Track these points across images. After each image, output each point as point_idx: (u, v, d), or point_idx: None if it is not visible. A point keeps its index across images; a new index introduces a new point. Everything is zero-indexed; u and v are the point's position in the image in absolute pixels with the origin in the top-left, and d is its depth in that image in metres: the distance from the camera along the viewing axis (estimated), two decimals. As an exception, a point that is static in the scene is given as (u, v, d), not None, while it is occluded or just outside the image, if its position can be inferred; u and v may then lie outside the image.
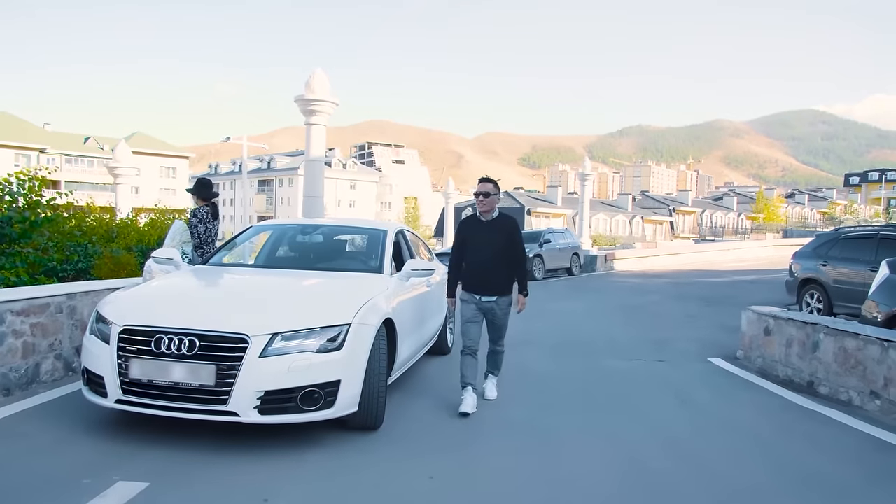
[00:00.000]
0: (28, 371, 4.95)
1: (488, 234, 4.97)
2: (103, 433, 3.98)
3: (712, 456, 4.17)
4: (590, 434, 4.52)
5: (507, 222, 5.04)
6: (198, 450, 3.75)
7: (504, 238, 4.97)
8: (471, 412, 4.74)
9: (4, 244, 6.22)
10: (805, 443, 4.54)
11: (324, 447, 3.92)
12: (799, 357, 6.19)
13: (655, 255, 28.52)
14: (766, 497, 3.56)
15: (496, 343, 5.27)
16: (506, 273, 5.00)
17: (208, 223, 6.64)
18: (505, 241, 4.96)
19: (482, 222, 5.03)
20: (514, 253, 5.01)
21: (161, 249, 5.66)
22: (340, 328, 3.86)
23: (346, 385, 3.82)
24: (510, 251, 4.98)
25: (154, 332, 3.71)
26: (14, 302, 4.84)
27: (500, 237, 4.96)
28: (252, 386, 3.59)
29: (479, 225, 5.04)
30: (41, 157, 61.00)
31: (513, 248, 5.00)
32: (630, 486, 3.60)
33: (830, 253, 10.68)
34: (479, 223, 5.05)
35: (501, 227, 5.00)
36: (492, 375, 5.35)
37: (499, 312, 5.05)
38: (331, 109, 12.21)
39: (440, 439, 4.25)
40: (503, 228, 5.00)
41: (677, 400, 5.60)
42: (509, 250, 4.98)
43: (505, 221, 5.04)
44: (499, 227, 5.00)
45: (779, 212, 68.54)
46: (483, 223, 5.03)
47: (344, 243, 6.10)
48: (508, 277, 5.01)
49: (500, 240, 4.95)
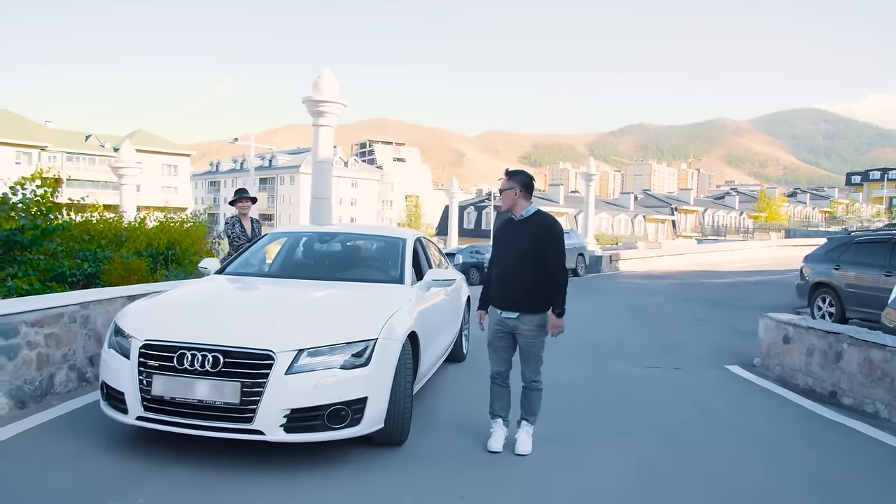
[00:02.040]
0: (42, 383, 4.87)
1: (517, 235, 4.21)
2: (122, 449, 3.90)
3: (736, 469, 4.09)
4: (614, 446, 4.44)
5: (540, 222, 4.21)
6: (220, 468, 3.66)
7: (532, 240, 4.13)
8: (499, 450, 4.17)
9: (16, 251, 6.13)
10: (830, 455, 4.47)
11: (349, 464, 3.84)
12: (821, 366, 6.11)
13: (660, 255, 28.46)
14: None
15: (527, 377, 4.30)
16: (532, 284, 4.12)
17: (235, 227, 7.74)
18: (532, 244, 4.12)
19: (513, 222, 4.30)
20: (545, 260, 4.11)
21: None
22: (367, 343, 3.77)
23: (372, 401, 3.73)
24: (540, 257, 4.11)
25: (176, 348, 3.62)
26: (28, 313, 4.75)
27: (529, 239, 4.13)
28: (278, 404, 3.50)
29: (510, 225, 4.33)
30: (42, 155, 60.93)
31: (543, 253, 4.11)
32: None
33: (843, 257, 10.58)
34: (510, 223, 4.33)
35: (532, 227, 4.18)
36: (525, 423, 4.30)
37: (525, 334, 4.19)
38: (339, 110, 12.13)
39: (465, 454, 4.16)
40: (534, 229, 4.16)
41: (697, 410, 5.52)
42: (539, 256, 4.12)
43: (538, 221, 4.22)
44: (530, 227, 4.19)
45: (781, 211, 68.48)
46: (514, 223, 4.29)
47: (363, 252, 6.00)
48: (536, 290, 4.13)
49: (527, 242, 4.13)
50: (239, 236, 7.73)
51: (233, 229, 7.78)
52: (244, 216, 7.91)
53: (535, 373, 4.29)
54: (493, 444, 4.22)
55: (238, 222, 7.83)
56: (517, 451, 4.18)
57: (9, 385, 4.53)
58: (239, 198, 7.87)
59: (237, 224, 7.81)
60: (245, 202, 7.87)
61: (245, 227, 7.84)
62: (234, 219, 7.89)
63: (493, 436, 4.27)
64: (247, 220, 7.93)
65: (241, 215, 7.87)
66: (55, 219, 6.55)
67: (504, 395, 4.37)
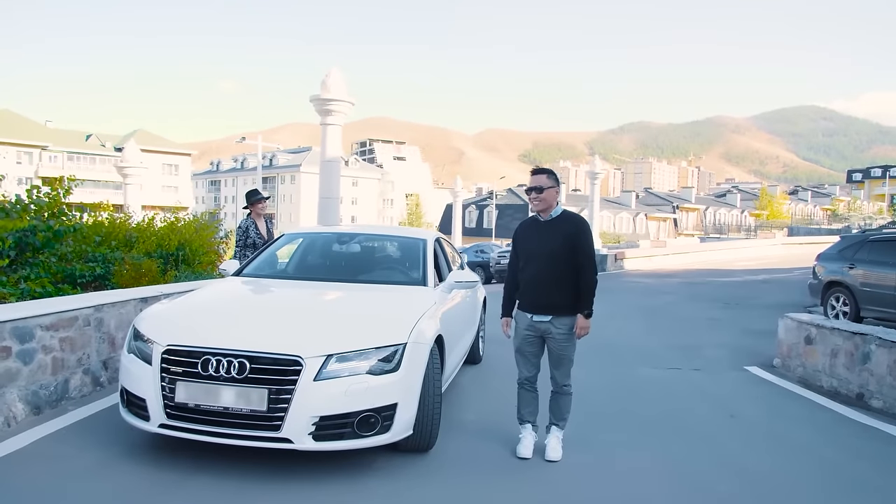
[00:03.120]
0: (57, 388, 4.76)
1: (545, 236, 4.08)
2: (144, 458, 3.79)
3: (777, 475, 3.98)
4: (645, 451, 4.34)
5: (570, 221, 4.10)
6: (246, 477, 3.56)
7: (563, 241, 4.01)
8: (529, 456, 4.07)
9: (28, 253, 6.02)
10: (865, 458, 4.37)
11: (377, 472, 3.74)
12: (846, 368, 6.00)
13: (664, 253, 28.35)
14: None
15: (557, 382, 4.21)
16: (565, 286, 4.02)
17: (250, 232, 7.63)
18: (564, 244, 4.00)
19: (540, 223, 4.16)
20: (576, 260, 4.01)
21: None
22: (396, 348, 3.67)
23: (402, 408, 3.62)
24: (571, 258, 4.01)
25: (201, 353, 3.51)
26: (43, 316, 4.64)
27: (558, 240, 4.02)
28: (307, 411, 3.39)
29: (536, 227, 4.17)
30: (43, 155, 60.86)
31: (575, 254, 4.01)
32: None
33: (857, 256, 10.47)
34: (535, 225, 4.19)
35: (561, 228, 4.06)
36: (555, 428, 4.20)
37: (557, 337, 4.06)
38: (347, 109, 12.00)
39: (494, 461, 4.05)
40: (564, 229, 4.05)
41: (725, 413, 5.41)
42: (571, 257, 4.01)
43: (567, 220, 4.10)
44: (559, 227, 4.07)
45: (783, 209, 68.38)
46: (541, 224, 4.15)
47: (382, 253, 5.90)
48: (569, 292, 4.02)
49: (557, 243, 4.01)
50: (255, 241, 7.58)
51: (247, 234, 7.63)
52: (259, 217, 7.79)
53: (565, 376, 4.20)
54: (523, 451, 4.12)
55: (253, 225, 7.68)
56: (548, 458, 4.08)
57: (25, 390, 4.43)
58: (257, 199, 7.75)
59: (252, 227, 7.67)
60: (262, 203, 7.79)
61: (260, 228, 7.73)
62: (246, 222, 7.73)
63: (522, 442, 4.17)
64: (261, 221, 7.82)
65: (255, 216, 7.75)
66: (67, 220, 6.44)
67: (533, 400, 4.27)
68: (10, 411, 4.26)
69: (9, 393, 4.30)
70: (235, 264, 5.37)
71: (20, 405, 4.36)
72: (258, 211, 7.75)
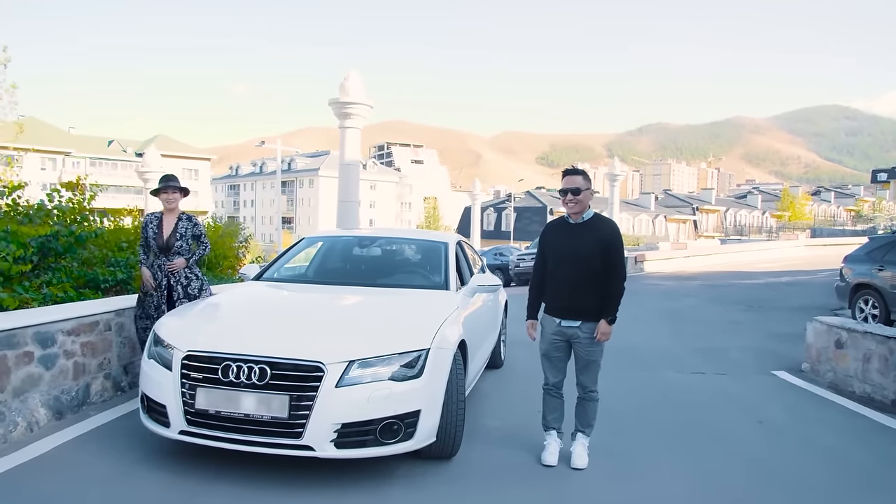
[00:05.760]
0: (79, 393, 4.75)
1: (576, 240, 3.95)
2: (165, 464, 3.75)
3: (813, 483, 3.85)
4: (674, 459, 4.23)
5: (605, 225, 3.98)
6: (266, 485, 3.51)
7: (594, 245, 3.89)
8: (554, 464, 3.99)
9: (50, 258, 6.04)
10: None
11: (400, 479, 3.67)
12: (881, 373, 5.83)
13: (685, 255, 28.02)
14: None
15: (584, 387, 4.10)
16: (595, 291, 3.91)
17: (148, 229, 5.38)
18: (595, 248, 3.88)
19: (570, 226, 4.03)
20: (607, 265, 3.90)
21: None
22: (419, 353, 3.60)
23: (426, 414, 3.55)
24: (601, 263, 3.90)
25: (221, 359, 3.46)
26: (65, 321, 4.64)
27: (590, 244, 3.90)
28: (328, 418, 3.33)
29: (566, 229, 4.04)
30: (66, 161, 61.73)
31: (606, 258, 3.90)
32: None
33: (887, 257, 10.21)
34: (565, 227, 4.06)
35: (593, 232, 3.94)
36: (581, 435, 4.12)
37: (584, 342, 3.97)
38: (366, 112, 11.99)
39: (519, 468, 3.97)
40: (595, 233, 3.93)
41: (753, 419, 5.27)
42: (600, 262, 3.90)
43: (599, 224, 3.98)
44: (592, 230, 3.95)
45: (805, 210, 67.38)
46: (571, 227, 4.03)
47: (403, 256, 5.82)
48: (598, 297, 3.92)
49: (588, 247, 3.90)
50: (150, 242, 5.33)
51: (145, 230, 5.40)
52: (170, 212, 5.38)
53: (593, 382, 4.10)
54: (548, 458, 4.03)
55: (156, 221, 5.38)
56: (573, 465, 3.98)
57: (46, 395, 4.43)
58: (163, 187, 5.35)
59: (152, 224, 5.37)
60: (170, 194, 5.33)
61: (164, 227, 5.34)
62: (151, 216, 5.48)
63: (548, 448, 4.09)
64: (171, 217, 5.39)
65: (165, 211, 5.39)
66: (89, 226, 6.45)
67: (559, 406, 4.18)
68: (32, 416, 4.26)
69: (31, 398, 4.30)
70: (255, 268, 5.33)
71: (42, 410, 4.36)
72: (167, 205, 5.35)
